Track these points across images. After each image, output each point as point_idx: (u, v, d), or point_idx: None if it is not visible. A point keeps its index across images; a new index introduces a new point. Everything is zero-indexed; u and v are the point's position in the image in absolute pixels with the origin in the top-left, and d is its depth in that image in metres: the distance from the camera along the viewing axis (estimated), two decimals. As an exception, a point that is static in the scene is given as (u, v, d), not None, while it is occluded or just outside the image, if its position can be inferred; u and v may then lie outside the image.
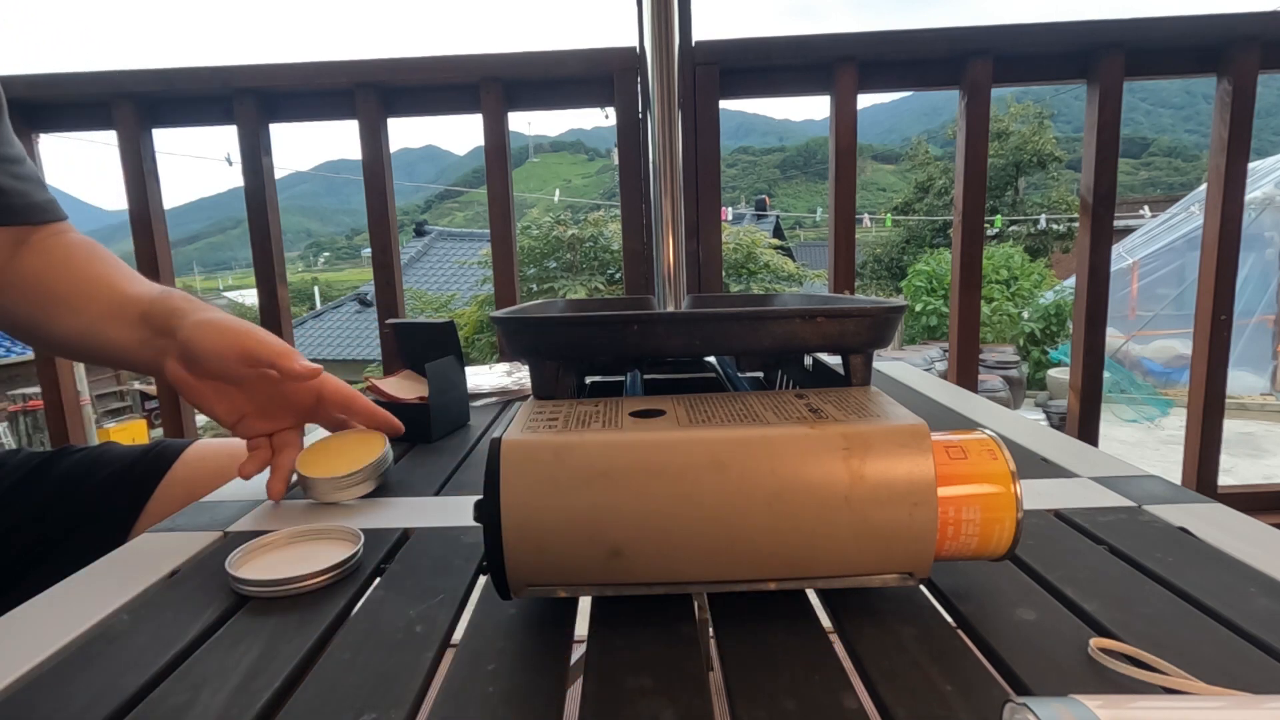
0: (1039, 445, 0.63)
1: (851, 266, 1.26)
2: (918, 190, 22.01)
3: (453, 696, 0.30)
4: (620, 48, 1.20)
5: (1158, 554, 0.41)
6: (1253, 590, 0.36)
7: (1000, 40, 1.21)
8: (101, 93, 1.21)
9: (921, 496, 0.32)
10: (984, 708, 0.28)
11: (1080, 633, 0.33)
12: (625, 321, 0.38)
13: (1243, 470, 4.75)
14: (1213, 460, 1.27)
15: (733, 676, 0.31)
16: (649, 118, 0.86)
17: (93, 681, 0.32)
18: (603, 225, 9.28)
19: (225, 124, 1.25)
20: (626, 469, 0.32)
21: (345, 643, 0.34)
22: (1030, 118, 19.81)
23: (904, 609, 0.35)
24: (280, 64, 1.24)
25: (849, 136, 1.23)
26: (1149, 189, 58.34)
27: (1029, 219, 17.52)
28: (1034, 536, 0.43)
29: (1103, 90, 1.19)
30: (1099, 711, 0.20)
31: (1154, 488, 0.52)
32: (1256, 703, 0.23)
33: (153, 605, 0.39)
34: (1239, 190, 1.20)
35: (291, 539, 0.45)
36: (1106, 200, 1.22)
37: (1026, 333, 8.83)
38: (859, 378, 0.41)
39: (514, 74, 1.22)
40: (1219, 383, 1.25)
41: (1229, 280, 1.22)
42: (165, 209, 1.34)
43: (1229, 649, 0.32)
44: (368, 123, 1.23)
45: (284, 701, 0.30)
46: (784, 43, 1.23)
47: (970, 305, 1.28)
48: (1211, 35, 1.19)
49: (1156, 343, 7.06)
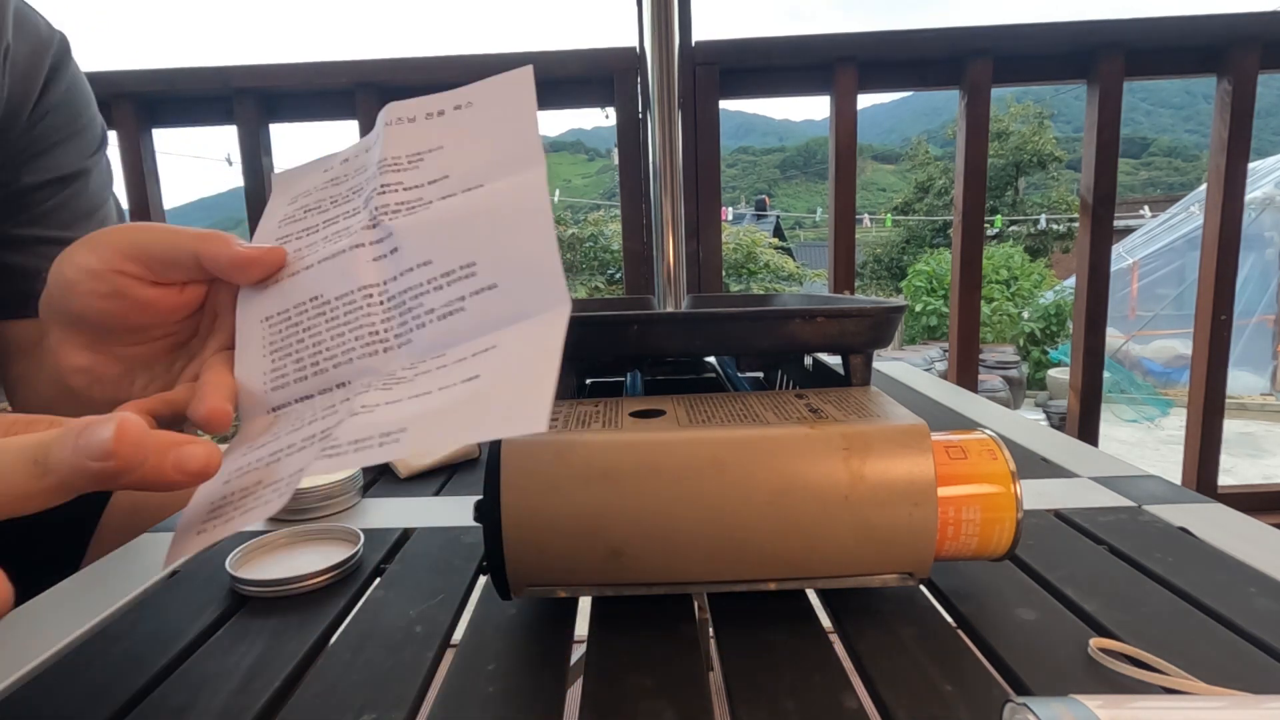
0: (1039, 445, 0.63)
1: (851, 266, 1.26)
2: (918, 190, 22.03)
3: (453, 696, 0.30)
4: (620, 48, 1.20)
5: (1158, 554, 0.41)
6: (1253, 590, 0.36)
7: (1000, 40, 1.21)
8: (102, 93, 1.20)
9: (921, 496, 0.32)
10: (984, 708, 0.28)
11: (1080, 633, 0.33)
12: (625, 321, 0.38)
13: (1243, 470, 4.75)
14: (1213, 460, 1.27)
15: (733, 676, 0.31)
16: (649, 118, 0.86)
17: (93, 681, 0.32)
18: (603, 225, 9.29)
19: (225, 124, 1.25)
20: (627, 469, 0.32)
21: (345, 643, 0.34)
22: (1030, 118, 19.83)
23: (904, 609, 0.35)
24: (280, 64, 1.24)
25: (849, 136, 1.23)
26: (1149, 189, 58.37)
27: (1029, 219, 17.53)
28: (1034, 536, 0.43)
29: (1103, 90, 1.19)
30: (1099, 711, 0.20)
31: (1154, 488, 0.52)
32: (1256, 703, 0.23)
33: (153, 605, 0.39)
34: (1239, 190, 1.20)
35: (291, 539, 0.45)
36: (1106, 200, 1.22)
37: (1026, 333, 8.83)
38: (859, 378, 0.41)
39: (514, 74, 1.22)
40: (1219, 383, 1.25)
41: (1229, 280, 1.22)
42: (165, 209, 1.34)
43: (1229, 649, 0.32)
44: (368, 123, 1.23)
45: (284, 701, 0.30)
46: (784, 43, 1.23)
47: (970, 305, 1.28)
48: (1211, 35, 1.19)
49: (1156, 343, 7.06)
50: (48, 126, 0.51)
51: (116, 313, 0.33)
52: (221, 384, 0.32)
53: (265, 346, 0.32)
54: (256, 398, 0.32)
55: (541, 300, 0.28)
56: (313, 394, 0.31)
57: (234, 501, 0.27)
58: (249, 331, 0.33)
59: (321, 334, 0.31)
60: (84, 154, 0.53)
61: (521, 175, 0.31)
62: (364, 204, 0.33)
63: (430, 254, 0.30)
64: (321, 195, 0.36)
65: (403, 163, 0.34)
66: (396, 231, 0.31)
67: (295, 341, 0.31)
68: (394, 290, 0.31)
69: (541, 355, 0.26)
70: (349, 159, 0.37)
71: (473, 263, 0.30)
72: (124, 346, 0.35)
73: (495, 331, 0.28)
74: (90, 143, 0.54)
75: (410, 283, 0.30)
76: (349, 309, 0.31)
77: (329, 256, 0.32)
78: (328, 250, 0.32)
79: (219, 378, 0.32)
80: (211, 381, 0.32)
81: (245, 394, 0.32)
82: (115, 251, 0.32)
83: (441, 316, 0.30)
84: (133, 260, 0.32)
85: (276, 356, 0.32)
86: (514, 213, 0.30)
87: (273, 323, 0.32)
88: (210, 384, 0.32)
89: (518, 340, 0.27)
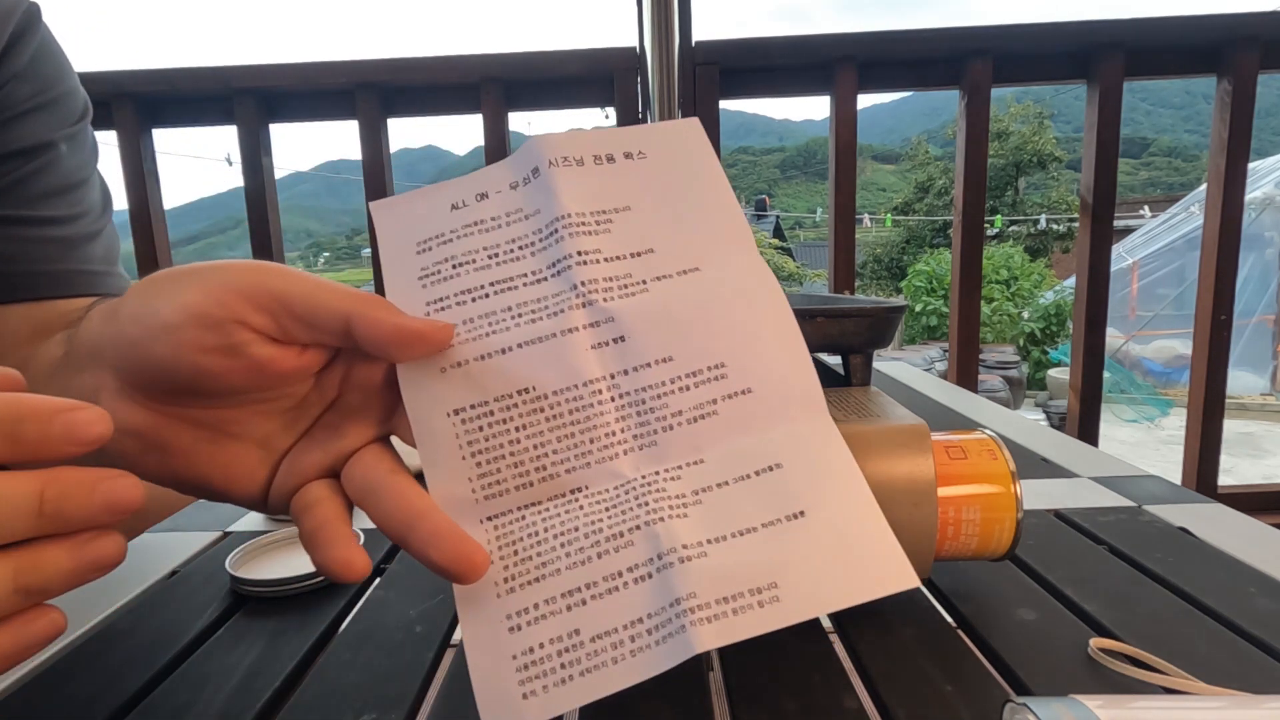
0: (1039, 445, 0.63)
1: (851, 266, 1.26)
2: (918, 190, 22.03)
3: (453, 696, 0.30)
4: (620, 48, 1.20)
5: (1158, 554, 0.41)
6: (1253, 590, 0.36)
7: (1000, 40, 1.21)
8: (102, 93, 1.21)
9: (921, 496, 0.32)
10: (984, 708, 0.28)
11: (1080, 633, 0.33)
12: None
13: (1243, 470, 4.75)
14: (1213, 460, 1.27)
15: (733, 676, 0.31)
16: (649, 118, 0.86)
17: (93, 681, 0.32)
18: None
19: (225, 124, 1.26)
20: (627, 469, 0.31)
21: (345, 643, 0.34)
22: (1030, 118, 19.83)
23: (904, 609, 0.35)
24: (280, 64, 1.24)
25: (849, 136, 1.23)
26: (1149, 189, 58.38)
27: (1029, 219, 17.53)
28: (1034, 536, 0.43)
29: (1103, 90, 1.19)
30: (1099, 711, 0.20)
31: (1154, 488, 0.52)
32: (1256, 703, 0.23)
33: (153, 605, 0.39)
34: (1239, 190, 1.20)
35: (291, 539, 0.45)
36: (1106, 200, 1.22)
37: (1026, 333, 8.84)
38: (859, 378, 0.41)
39: (514, 74, 1.22)
40: (1219, 383, 1.25)
41: (1229, 280, 1.22)
42: (165, 209, 1.34)
43: (1229, 649, 0.32)
44: (368, 123, 1.23)
45: (284, 701, 0.30)
46: (784, 43, 1.23)
47: (970, 305, 1.28)
48: (1211, 35, 1.19)
49: (1156, 343, 7.06)
50: (8, 96, 0.45)
51: (220, 373, 0.25)
52: (416, 497, 0.25)
53: (463, 446, 0.26)
54: (463, 507, 0.26)
55: (798, 409, 0.27)
56: (541, 500, 0.26)
57: (554, 658, 0.24)
58: (434, 426, 0.27)
59: (543, 434, 0.27)
60: (54, 127, 0.48)
61: (739, 258, 0.29)
62: (553, 269, 0.29)
63: (669, 349, 0.27)
64: (469, 245, 0.30)
65: (590, 223, 0.29)
66: (618, 316, 0.28)
67: (507, 441, 0.27)
68: (627, 387, 0.27)
69: (852, 486, 0.26)
70: (488, 194, 0.31)
71: (722, 364, 0.27)
72: (204, 409, 0.27)
73: (751, 437, 0.27)
74: (66, 116, 0.49)
75: (648, 380, 0.27)
76: (574, 405, 0.27)
77: (533, 339, 0.27)
78: (529, 331, 0.27)
79: (404, 487, 0.25)
80: (402, 491, 0.25)
81: (447, 502, 0.26)
82: (238, 296, 0.25)
83: (690, 420, 0.27)
84: (263, 311, 0.25)
85: (483, 460, 0.26)
86: (751, 305, 0.29)
87: (468, 417, 0.27)
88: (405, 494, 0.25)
89: (801, 458, 0.26)
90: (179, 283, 0.26)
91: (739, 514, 0.26)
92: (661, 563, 0.24)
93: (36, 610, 0.21)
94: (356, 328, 0.25)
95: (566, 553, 0.25)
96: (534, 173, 0.31)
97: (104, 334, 0.27)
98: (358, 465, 0.26)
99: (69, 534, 0.21)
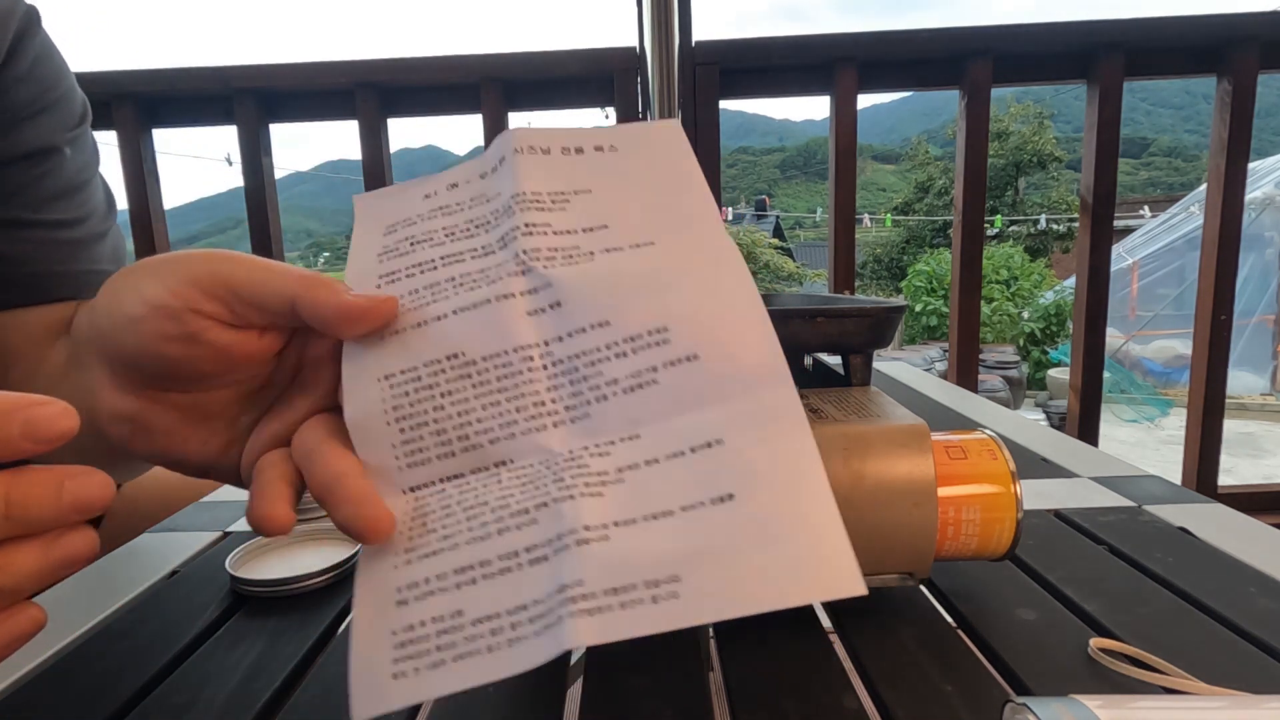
0: (1039, 445, 0.63)
1: (851, 266, 1.26)
2: (918, 190, 22.04)
3: (453, 697, 0.30)
4: (620, 48, 1.20)
5: (1158, 554, 0.41)
6: (1253, 590, 0.37)
7: (1000, 40, 1.21)
8: (102, 93, 1.21)
9: (921, 496, 0.32)
10: (984, 708, 0.28)
11: (1080, 633, 0.33)
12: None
13: (1243, 470, 4.75)
14: (1213, 460, 1.27)
15: (733, 676, 0.31)
16: (649, 117, 0.86)
17: (93, 681, 0.32)
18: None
19: (225, 124, 1.26)
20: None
21: (345, 643, 0.34)
22: (1030, 118, 19.84)
23: (904, 609, 0.35)
24: (280, 64, 1.24)
25: (849, 136, 1.23)
26: (1149, 189, 58.39)
27: (1029, 219, 17.54)
28: (1034, 536, 0.43)
29: (1103, 90, 1.19)
30: (1099, 711, 0.20)
31: (1154, 488, 0.52)
32: (1256, 703, 0.23)
33: (153, 605, 0.39)
34: (1239, 190, 1.20)
35: (291, 539, 0.45)
36: (1106, 200, 1.22)
37: (1026, 333, 8.84)
38: (859, 378, 0.41)
39: (514, 74, 1.22)
40: (1219, 383, 1.25)
41: (1229, 280, 1.22)
42: (165, 209, 1.34)
43: (1229, 649, 0.32)
44: (368, 123, 1.23)
45: (284, 701, 0.30)
46: (784, 43, 1.23)
47: (970, 305, 1.28)
48: (1211, 35, 1.19)
49: (1156, 343, 7.06)
50: (12, 101, 0.46)
51: (184, 359, 0.27)
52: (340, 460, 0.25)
53: (389, 412, 0.26)
54: (385, 474, 0.25)
55: (753, 378, 0.24)
56: (464, 473, 0.25)
57: (432, 638, 0.22)
58: (364, 392, 0.26)
59: (468, 401, 0.25)
60: (57, 130, 0.48)
61: (699, 230, 0.28)
62: (500, 243, 0.28)
63: (606, 313, 0.26)
64: (430, 225, 0.30)
65: (545, 201, 0.29)
66: (556, 282, 0.26)
67: (432, 408, 0.26)
68: (560, 353, 0.26)
69: (801, 468, 0.22)
70: (458, 184, 0.31)
71: (664, 328, 0.25)
72: (182, 394, 0.29)
73: (695, 411, 0.24)
74: (67, 119, 0.49)
75: (583, 346, 0.25)
76: (503, 372, 0.26)
77: (468, 306, 0.27)
78: (465, 298, 0.27)
79: (333, 451, 0.25)
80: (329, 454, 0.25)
81: (372, 469, 0.25)
82: (192, 285, 0.26)
83: (627, 389, 0.25)
84: (213, 298, 0.26)
85: (407, 425, 0.26)
86: (704, 273, 0.26)
87: (397, 383, 0.26)
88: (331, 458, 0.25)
89: (746, 435, 0.23)
90: (140, 276, 0.27)
91: (659, 494, 0.23)
92: (559, 544, 0.22)
93: (16, 607, 0.21)
94: (302, 307, 0.26)
95: (469, 527, 0.24)
96: (501, 161, 0.31)
97: (88, 330, 0.29)
98: (300, 433, 0.27)
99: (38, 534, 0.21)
